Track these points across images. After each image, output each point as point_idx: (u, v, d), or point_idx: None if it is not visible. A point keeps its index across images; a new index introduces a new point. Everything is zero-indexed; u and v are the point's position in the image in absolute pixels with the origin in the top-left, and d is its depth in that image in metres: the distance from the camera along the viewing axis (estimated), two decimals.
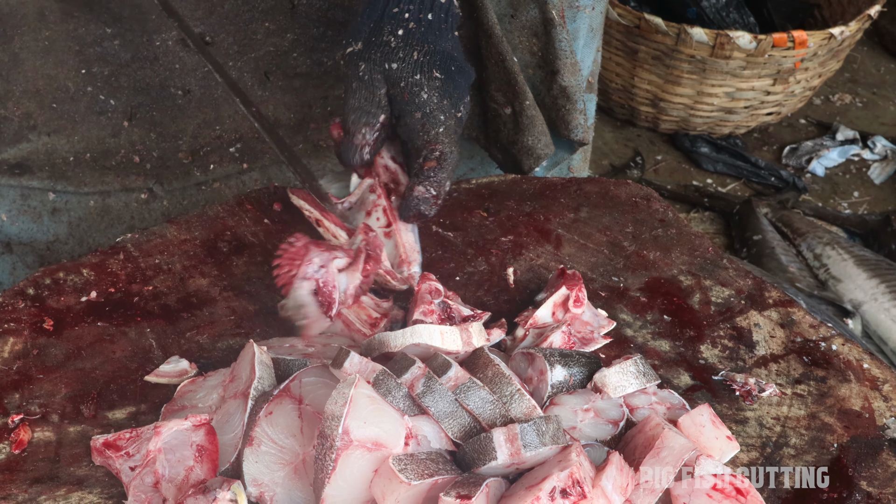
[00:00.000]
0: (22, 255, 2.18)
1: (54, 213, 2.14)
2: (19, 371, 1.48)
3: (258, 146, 2.21)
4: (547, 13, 2.16)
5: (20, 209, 2.14)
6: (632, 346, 1.62)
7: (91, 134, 2.11)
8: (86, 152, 2.11)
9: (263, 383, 1.34)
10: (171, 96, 2.12)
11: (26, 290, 1.63)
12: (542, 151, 2.14)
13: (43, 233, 2.15)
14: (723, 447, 1.38)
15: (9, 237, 2.16)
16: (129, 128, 2.13)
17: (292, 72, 2.19)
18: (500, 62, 2.11)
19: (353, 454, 1.20)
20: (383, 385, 1.28)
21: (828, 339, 1.64)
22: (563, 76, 2.19)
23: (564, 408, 1.41)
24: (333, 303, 1.47)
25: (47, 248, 2.17)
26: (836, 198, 4.00)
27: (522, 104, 2.12)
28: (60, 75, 2.06)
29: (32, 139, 2.08)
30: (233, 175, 2.21)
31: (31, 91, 2.06)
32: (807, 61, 3.93)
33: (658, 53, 3.92)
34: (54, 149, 2.10)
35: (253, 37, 2.13)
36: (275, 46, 2.15)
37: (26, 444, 1.37)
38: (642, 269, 1.78)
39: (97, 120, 2.11)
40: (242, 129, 2.20)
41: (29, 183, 2.10)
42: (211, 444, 1.31)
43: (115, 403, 1.45)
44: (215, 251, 1.75)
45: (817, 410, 1.52)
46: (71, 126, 2.09)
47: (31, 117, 2.07)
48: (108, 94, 2.09)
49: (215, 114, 2.17)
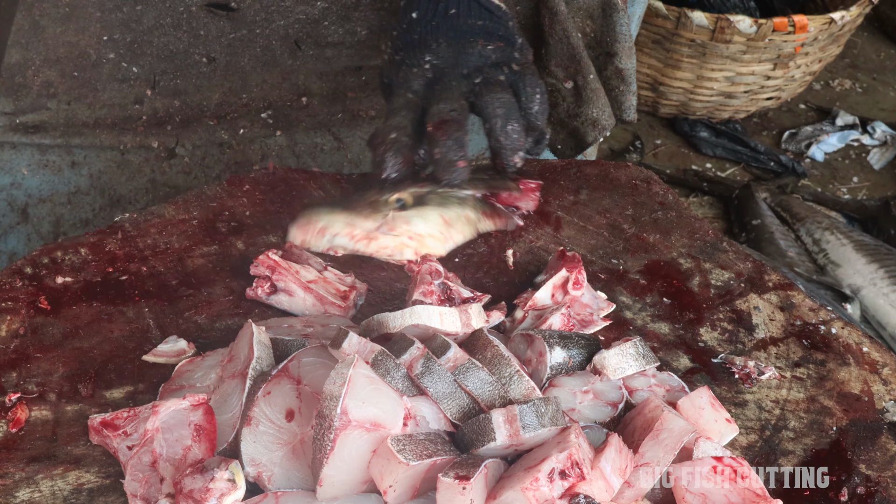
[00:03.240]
0: (38, 223, 2.17)
1: (74, 166, 2.13)
2: (17, 350, 1.48)
3: (292, 114, 2.20)
4: None
5: (39, 163, 2.13)
6: (631, 329, 1.61)
7: (113, 101, 2.10)
8: (106, 118, 2.09)
9: (262, 363, 1.34)
10: (195, 63, 2.11)
11: (24, 269, 1.62)
12: (607, 122, 2.15)
13: (64, 184, 2.14)
14: (722, 430, 1.38)
15: (28, 194, 2.15)
16: (151, 96, 2.11)
17: (324, 41, 2.18)
18: (564, 38, 2.11)
19: (352, 434, 1.19)
20: (382, 365, 1.28)
21: (827, 322, 1.64)
22: (620, 59, 2.20)
23: (563, 389, 1.41)
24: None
25: (68, 201, 2.17)
26: (836, 183, 4.00)
27: (587, 77, 2.13)
28: (81, 42, 2.05)
29: (52, 107, 2.07)
30: (258, 138, 2.20)
31: (51, 59, 2.05)
32: (807, 46, 3.92)
33: (658, 37, 3.92)
34: (74, 116, 2.09)
35: (281, 4, 2.11)
36: (305, 14, 2.13)
37: (23, 423, 1.36)
38: (642, 252, 1.78)
39: (119, 87, 2.10)
40: (272, 98, 2.18)
41: (42, 140, 2.09)
42: (209, 424, 1.30)
43: (112, 383, 1.44)
44: (214, 231, 1.75)
45: (816, 394, 1.51)
46: (92, 94, 2.08)
47: (51, 85, 2.06)
48: (131, 62, 2.07)
49: (242, 82, 2.16)
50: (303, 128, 2.22)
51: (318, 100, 2.21)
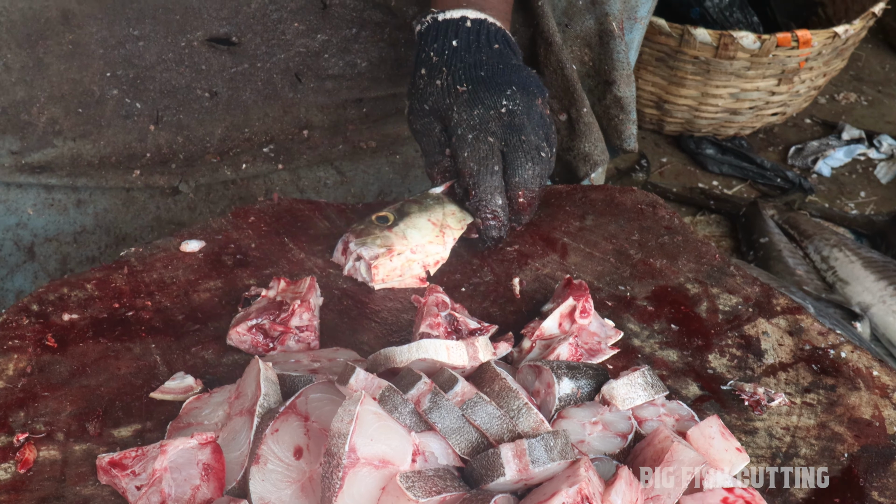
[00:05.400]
0: (44, 261, 2.17)
1: (79, 204, 2.14)
2: (24, 389, 1.47)
3: (293, 147, 2.20)
4: (606, 24, 2.17)
5: (45, 202, 2.13)
6: (639, 357, 1.61)
7: (117, 138, 2.10)
8: (111, 156, 2.10)
9: (269, 400, 1.33)
10: (197, 98, 2.11)
11: (30, 307, 1.62)
12: (599, 157, 2.15)
13: (69, 224, 2.15)
14: (732, 459, 1.37)
15: (34, 234, 2.15)
16: (155, 131, 2.12)
17: (324, 73, 2.18)
18: (558, 69, 2.11)
19: (360, 472, 1.19)
20: (389, 401, 1.28)
21: (837, 346, 1.63)
22: (618, 87, 2.20)
23: (572, 421, 1.40)
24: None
25: (74, 240, 2.17)
26: (843, 198, 3.99)
27: (580, 111, 2.13)
28: (85, 79, 2.06)
29: (58, 144, 2.08)
30: (261, 175, 2.20)
31: (56, 96, 2.05)
32: (811, 60, 3.91)
33: (661, 55, 3.91)
34: (79, 153, 2.09)
35: (282, 37, 2.12)
36: (305, 47, 2.14)
37: (32, 464, 1.36)
38: (649, 278, 1.77)
39: (123, 124, 2.11)
40: (273, 131, 2.19)
41: (49, 181, 2.09)
42: (217, 463, 1.30)
43: (120, 421, 1.44)
44: (219, 264, 1.75)
45: (827, 420, 1.51)
46: (97, 131, 2.09)
47: (56, 122, 2.07)
48: (134, 98, 2.08)
49: (244, 116, 2.17)
50: (305, 161, 2.22)
51: (320, 132, 2.22)
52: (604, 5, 2.17)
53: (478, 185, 1.73)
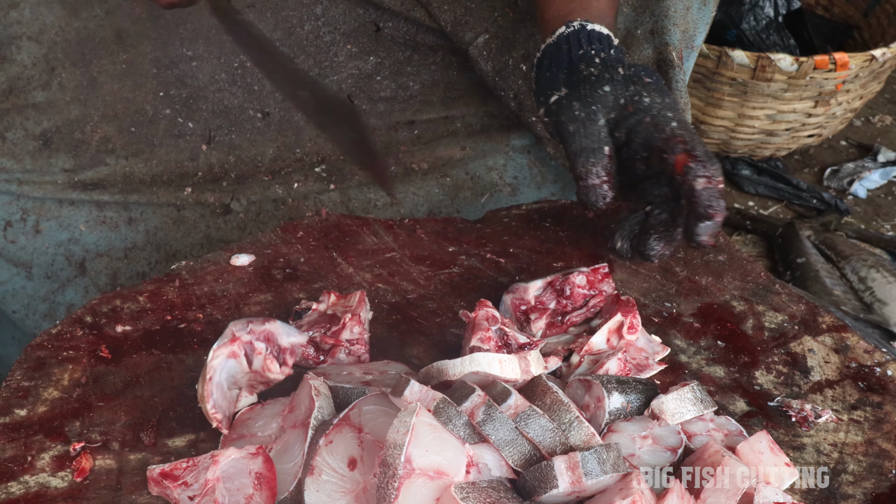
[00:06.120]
0: (95, 276, 2.19)
1: (130, 222, 2.16)
2: (79, 399, 1.49)
3: (345, 167, 2.21)
4: (666, 54, 2.16)
5: (97, 219, 2.15)
6: (686, 373, 1.61)
7: (169, 157, 2.12)
8: (163, 174, 2.12)
9: (323, 412, 1.35)
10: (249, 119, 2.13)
11: (84, 318, 1.64)
12: None
13: (121, 240, 2.17)
14: (782, 474, 1.38)
15: (86, 249, 2.17)
16: (207, 150, 2.14)
17: (376, 95, 2.19)
18: None
19: (416, 482, 1.20)
20: (444, 413, 1.29)
21: (883, 364, 1.64)
22: None
23: (622, 435, 1.41)
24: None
25: (125, 256, 2.19)
26: (879, 220, 3.98)
27: None
28: (138, 98, 2.08)
29: (110, 163, 2.10)
30: (312, 194, 2.21)
31: (109, 115, 2.08)
32: (848, 83, 3.91)
33: (699, 76, 3.92)
34: (132, 172, 2.11)
35: (335, 59, 2.13)
36: (357, 69, 2.16)
37: (88, 472, 1.38)
38: (694, 295, 1.78)
39: (175, 143, 2.13)
40: (325, 152, 2.20)
41: (101, 198, 2.11)
42: (269, 472, 1.31)
43: (174, 431, 1.46)
44: (269, 278, 1.76)
45: (874, 436, 1.51)
46: (149, 150, 2.11)
47: (109, 141, 2.09)
48: (187, 117, 2.10)
49: (295, 136, 2.18)
50: (356, 182, 2.23)
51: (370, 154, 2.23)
52: (664, 35, 2.17)
53: (695, 146, 1.68)
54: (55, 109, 2.06)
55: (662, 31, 2.17)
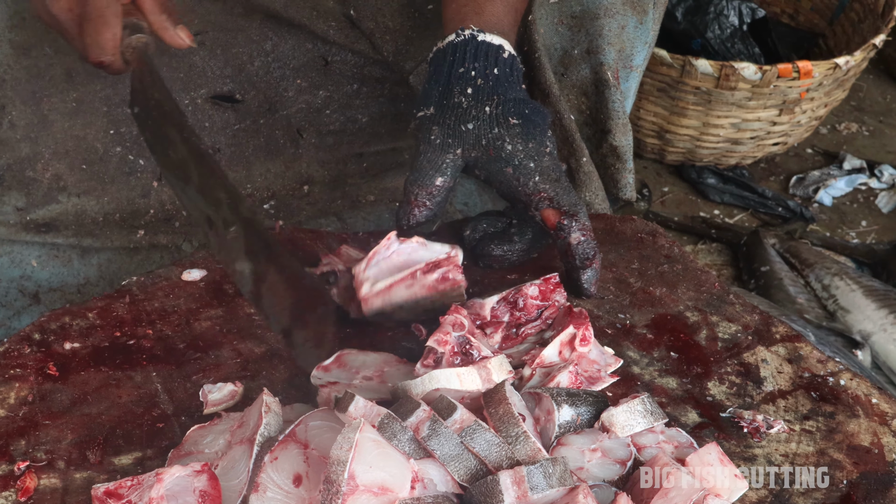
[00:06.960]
0: (50, 304, 2.18)
1: (84, 255, 2.15)
2: (25, 417, 1.48)
3: (293, 202, 2.22)
4: (601, 74, 2.17)
5: (49, 254, 2.14)
6: (639, 384, 1.61)
7: (121, 195, 2.12)
8: (115, 213, 2.11)
9: (270, 429, 1.34)
10: None
11: (32, 336, 1.63)
12: (600, 206, 2.16)
13: (73, 276, 2.16)
14: (731, 486, 1.37)
15: (38, 284, 2.16)
16: (158, 188, 2.13)
17: (325, 129, 2.20)
18: (557, 120, 2.11)
19: (360, 499, 1.19)
20: (388, 429, 1.28)
21: (836, 373, 1.64)
22: (614, 136, 2.20)
23: (572, 448, 1.41)
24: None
25: (78, 292, 2.18)
26: (844, 227, 3.99)
27: (580, 160, 2.13)
28: (89, 136, 2.08)
29: (62, 200, 2.10)
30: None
31: (60, 152, 2.07)
32: (812, 91, 3.93)
33: (663, 85, 3.92)
34: (83, 210, 2.11)
35: (284, 94, 2.14)
36: (307, 104, 2.16)
37: (32, 492, 1.36)
38: (648, 306, 1.78)
39: (126, 180, 2.12)
40: (275, 187, 2.20)
41: (54, 240, 2.11)
42: (214, 490, 1.30)
43: (121, 449, 1.45)
44: (220, 293, 1.75)
45: (826, 447, 1.51)
46: (101, 187, 2.10)
47: (60, 179, 2.09)
48: (137, 154, 2.10)
49: (246, 172, 2.18)
50: (304, 216, 2.24)
51: (320, 187, 2.23)
52: (598, 55, 2.17)
53: (560, 198, 1.71)
54: (6, 147, 2.06)
55: (597, 50, 2.17)
